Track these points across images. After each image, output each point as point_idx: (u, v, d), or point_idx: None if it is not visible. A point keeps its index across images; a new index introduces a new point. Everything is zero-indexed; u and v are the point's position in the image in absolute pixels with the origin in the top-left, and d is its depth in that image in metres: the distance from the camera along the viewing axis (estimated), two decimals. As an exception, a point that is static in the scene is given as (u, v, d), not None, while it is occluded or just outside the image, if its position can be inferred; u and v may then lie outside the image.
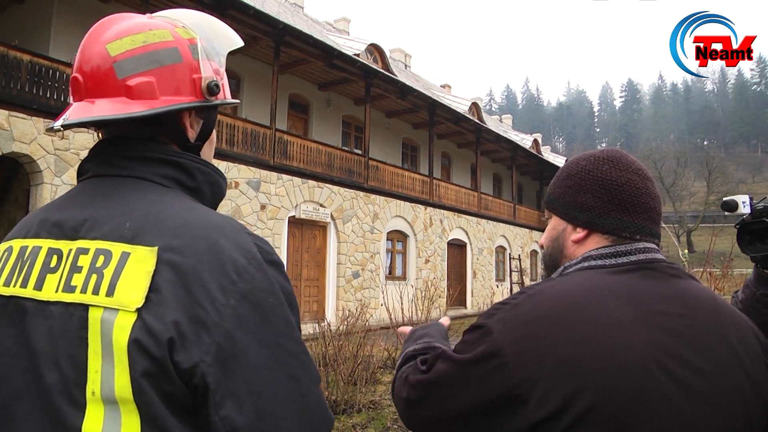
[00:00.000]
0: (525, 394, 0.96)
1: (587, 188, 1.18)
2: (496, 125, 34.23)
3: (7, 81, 10.41)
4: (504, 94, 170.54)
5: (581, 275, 1.13)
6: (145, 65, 0.98)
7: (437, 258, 22.61)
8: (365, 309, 9.71)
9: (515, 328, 1.02)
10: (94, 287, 0.85)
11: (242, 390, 0.83)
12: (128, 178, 0.99)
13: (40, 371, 0.86)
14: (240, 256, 0.88)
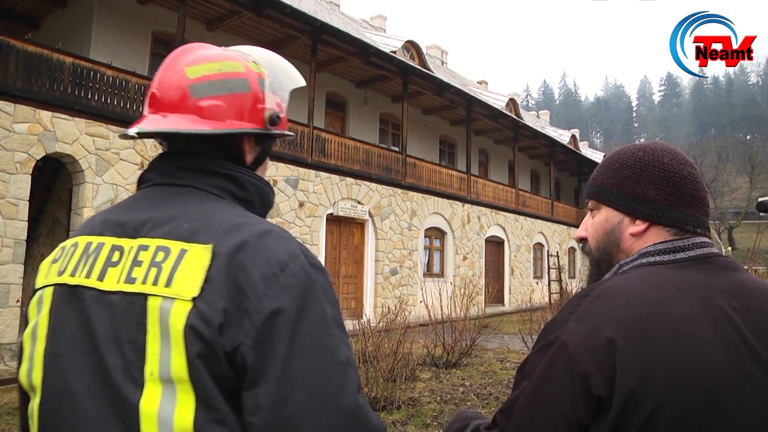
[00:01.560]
0: (608, 399, 0.95)
1: (648, 179, 1.15)
2: (534, 121, 33.91)
3: (50, 83, 10.64)
4: (541, 90, 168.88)
5: (643, 272, 1.10)
6: (217, 90, 1.09)
7: (475, 255, 22.51)
8: (403, 306, 9.70)
9: (590, 336, 0.99)
10: (154, 279, 0.95)
11: (273, 375, 0.90)
12: (186, 187, 1.09)
13: (101, 353, 0.94)
14: (285, 255, 0.97)
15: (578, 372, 0.97)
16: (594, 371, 0.96)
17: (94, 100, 11.23)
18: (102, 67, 11.54)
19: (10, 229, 9.77)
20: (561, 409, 0.98)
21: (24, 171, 10.03)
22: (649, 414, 0.93)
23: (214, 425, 0.90)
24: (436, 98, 21.74)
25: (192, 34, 15.04)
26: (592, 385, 0.95)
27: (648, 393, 0.94)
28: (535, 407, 1.02)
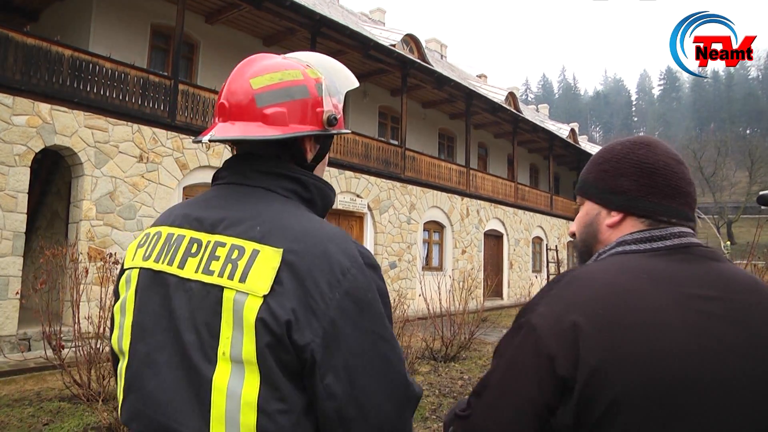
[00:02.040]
0: (571, 380, 0.98)
1: (623, 171, 1.18)
2: (533, 115, 33.88)
3: (49, 76, 10.60)
4: (540, 84, 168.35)
5: (617, 259, 1.13)
6: (280, 98, 1.21)
7: (474, 249, 22.53)
8: (402, 299, 9.71)
9: (557, 320, 1.02)
10: (230, 274, 1.09)
11: (341, 365, 1.04)
12: (257, 188, 1.23)
13: (179, 331, 1.10)
14: (345, 259, 1.09)
15: (544, 353, 1.00)
16: (559, 353, 0.99)
17: (93, 93, 11.20)
18: (101, 59, 11.50)
19: (10, 222, 9.76)
20: (528, 389, 1.02)
21: (23, 163, 10.01)
22: (611, 399, 0.95)
23: (275, 402, 1.04)
24: (436, 92, 21.71)
25: (191, 27, 15.03)
26: (557, 365, 0.99)
27: (610, 378, 0.96)
28: (504, 387, 1.07)
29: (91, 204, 10.91)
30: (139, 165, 11.81)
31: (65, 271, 6.60)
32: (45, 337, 6.04)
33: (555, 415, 1.00)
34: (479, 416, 1.09)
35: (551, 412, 1.00)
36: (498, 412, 1.06)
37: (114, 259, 6.11)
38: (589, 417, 0.97)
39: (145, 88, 12.14)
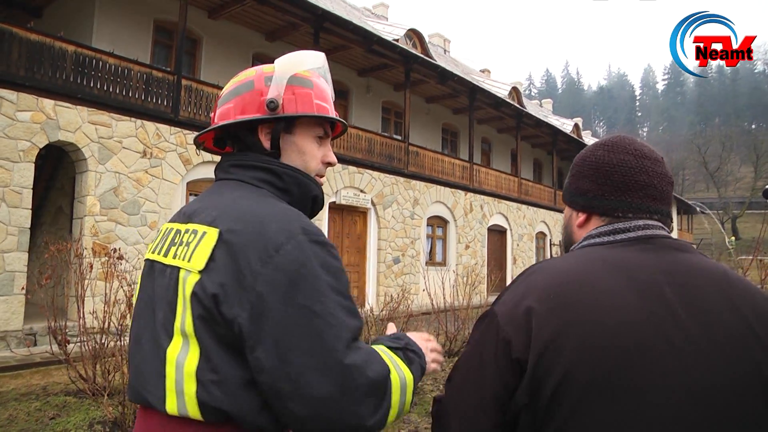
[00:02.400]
0: (524, 361, 1.03)
1: (584, 174, 1.25)
2: (536, 110, 33.82)
3: (53, 71, 10.62)
4: (544, 79, 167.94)
5: (580, 251, 1.20)
6: (229, 97, 1.39)
7: (477, 244, 22.53)
8: (406, 294, 9.72)
9: (514, 307, 1.09)
10: (183, 255, 1.21)
11: (270, 339, 1.08)
12: (232, 180, 1.35)
13: (154, 311, 1.24)
14: (281, 236, 1.14)
15: (502, 337, 1.07)
16: (513, 336, 1.05)
17: (96, 89, 11.22)
18: (104, 55, 11.51)
19: (15, 218, 9.80)
20: (489, 372, 1.08)
21: (27, 159, 10.04)
22: (562, 374, 0.99)
23: (209, 373, 1.12)
24: (439, 87, 21.66)
25: (194, 22, 15.03)
26: (512, 348, 1.04)
27: (559, 354, 1.00)
28: (469, 371, 1.14)
29: (95, 199, 10.93)
30: (143, 160, 11.83)
31: (70, 266, 6.60)
32: (50, 332, 6.06)
33: (513, 396, 1.05)
34: (449, 399, 1.17)
35: (510, 394, 1.05)
36: (464, 395, 1.13)
37: (118, 255, 6.11)
38: (543, 394, 1.01)
39: (149, 84, 12.15)
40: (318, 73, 1.47)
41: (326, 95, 1.45)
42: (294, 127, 1.40)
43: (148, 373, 1.21)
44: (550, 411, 1.00)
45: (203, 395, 1.12)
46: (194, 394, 1.13)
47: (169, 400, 1.16)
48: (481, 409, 1.08)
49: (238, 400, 1.12)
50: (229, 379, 1.12)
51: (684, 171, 78.87)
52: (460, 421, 1.12)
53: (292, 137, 1.40)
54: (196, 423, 1.15)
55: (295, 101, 1.37)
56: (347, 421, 1.09)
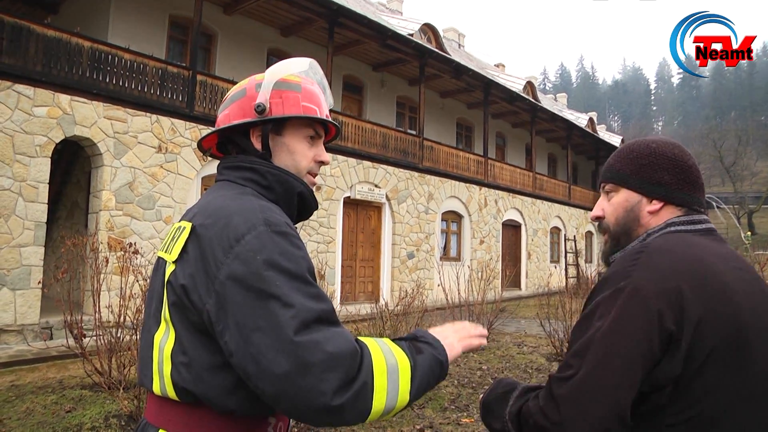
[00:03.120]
0: (678, 333, 1.17)
1: (663, 166, 1.42)
2: (551, 104, 33.60)
3: (69, 67, 10.66)
4: (558, 73, 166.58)
5: (678, 236, 1.36)
6: (227, 104, 1.52)
7: (492, 239, 22.45)
8: (421, 290, 9.68)
9: (659, 282, 1.21)
10: (168, 248, 1.34)
11: (233, 324, 1.15)
12: (223, 180, 1.46)
13: (151, 300, 1.38)
14: (243, 227, 1.22)
15: (654, 310, 1.18)
16: (666, 310, 1.18)
17: (112, 84, 11.26)
18: (120, 51, 11.55)
19: (31, 212, 9.86)
20: (638, 343, 1.17)
21: (44, 154, 10.10)
22: (710, 348, 1.18)
23: (180, 355, 1.24)
24: (453, 81, 21.59)
25: (209, 18, 15.05)
26: (665, 320, 1.17)
27: (708, 331, 1.18)
28: (613, 341, 1.19)
29: (111, 194, 10.98)
30: (158, 155, 11.86)
31: (86, 260, 6.64)
32: (67, 326, 6.08)
33: (659, 365, 1.18)
34: (588, 373, 1.19)
35: (656, 363, 1.18)
36: (608, 366, 1.18)
37: (134, 249, 6.13)
38: (693, 364, 1.17)
39: (164, 79, 12.18)
40: (312, 80, 1.57)
41: (316, 98, 1.53)
42: (284, 128, 1.49)
43: (145, 358, 1.34)
44: (693, 381, 1.18)
45: (175, 376, 1.24)
46: (169, 375, 1.25)
47: (155, 382, 1.30)
48: (627, 383, 1.16)
49: (205, 383, 1.22)
50: (196, 361, 1.22)
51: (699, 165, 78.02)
52: (603, 396, 1.16)
53: (282, 138, 1.49)
54: (176, 403, 1.27)
55: (282, 104, 1.46)
56: (311, 399, 1.10)
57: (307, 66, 1.58)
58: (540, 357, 8.91)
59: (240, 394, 1.22)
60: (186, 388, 1.23)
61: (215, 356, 1.21)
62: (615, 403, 1.15)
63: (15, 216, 9.68)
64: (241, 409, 1.23)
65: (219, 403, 1.22)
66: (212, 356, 1.21)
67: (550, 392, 1.22)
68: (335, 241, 15.87)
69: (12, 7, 14.04)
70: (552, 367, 8.19)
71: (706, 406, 1.18)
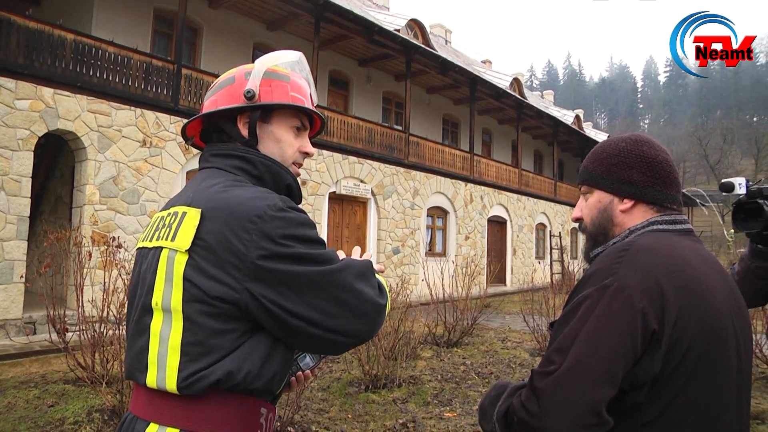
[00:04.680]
0: (659, 332, 1.19)
1: (632, 165, 1.42)
2: (538, 101, 33.75)
3: (52, 60, 10.57)
4: (545, 70, 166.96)
5: (660, 236, 1.36)
6: (215, 90, 1.53)
7: (477, 235, 22.52)
8: (406, 285, 9.70)
9: (644, 280, 1.21)
10: (165, 235, 1.32)
11: (281, 286, 1.23)
12: (211, 168, 1.46)
13: (137, 288, 1.37)
14: (260, 209, 1.25)
15: (638, 308, 1.18)
16: (649, 308, 1.18)
17: (95, 77, 11.17)
18: (104, 44, 11.46)
19: (14, 206, 9.78)
20: (622, 339, 1.17)
21: (26, 148, 10.01)
22: (687, 347, 1.20)
23: (195, 346, 1.23)
24: (440, 77, 21.61)
25: (194, 11, 14.96)
26: (649, 319, 1.18)
27: (685, 329, 1.20)
28: (597, 338, 1.18)
29: (95, 188, 10.92)
30: (143, 149, 11.80)
31: (69, 255, 6.60)
32: (49, 321, 6.06)
33: (639, 364, 1.19)
34: (569, 369, 1.18)
35: (636, 362, 1.18)
36: (589, 364, 1.17)
37: (117, 243, 6.11)
38: (671, 362, 1.19)
39: (148, 73, 12.11)
40: (300, 75, 1.61)
41: (303, 91, 1.57)
42: (271, 117, 1.52)
43: (137, 349, 1.32)
44: (671, 379, 1.20)
45: (185, 367, 1.23)
46: (176, 367, 1.24)
47: (149, 374, 1.28)
48: (608, 380, 1.16)
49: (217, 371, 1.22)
50: (211, 349, 1.23)
51: (685, 163, 78.67)
52: (583, 391, 1.16)
53: (270, 126, 1.51)
54: (170, 396, 1.26)
55: (272, 92, 1.49)
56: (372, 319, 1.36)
57: (296, 58, 1.62)
58: (524, 352, 8.97)
59: (268, 371, 1.29)
60: (201, 377, 1.22)
61: (239, 338, 1.25)
62: (594, 399, 1.14)
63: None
64: (263, 387, 1.29)
65: (248, 382, 1.25)
66: (235, 340, 1.24)
67: (531, 386, 1.22)
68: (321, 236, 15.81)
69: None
70: (535, 362, 8.24)
71: (680, 403, 1.20)
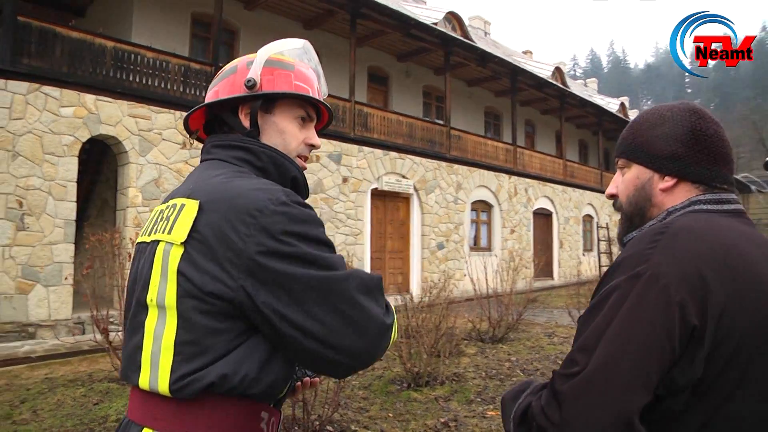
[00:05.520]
0: (701, 328, 1.01)
1: (677, 137, 1.22)
2: (581, 90, 33.12)
3: (94, 67, 10.84)
4: (588, 58, 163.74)
5: (704, 216, 1.17)
6: (217, 81, 1.48)
7: (522, 228, 22.23)
8: (449, 280, 9.58)
9: (682, 268, 1.04)
10: (163, 228, 1.24)
11: (276, 287, 1.13)
12: (213, 160, 1.39)
13: (135, 285, 1.29)
14: (261, 202, 1.17)
15: (675, 301, 1.01)
16: (689, 301, 1.01)
17: (135, 82, 11.39)
18: (142, 49, 11.68)
19: (61, 210, 10.04)
20: (655, 338, 1.00)
21: (71, 153, 10.26)
22: (737, 342, 1.01)
23: (188, 346, 1.14)
24: (480, 69, 21.37)
25: (231, 13, 15.10)
26: (688, 313, 1.00)
27: (733, 324, 1.02)
28: (627, 335, 1.02)
29: (137, 191, 11.12)
30: (183, 151, 11.96)
31: (113, 256, 6.72)
32: (93, 321, 6.19)
33: (677, 366, 1.01)
34: (595, 370, 1.01)
35: (674, 363, 1.01)
36: (619, 364, 1.00)
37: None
38: (716, 364, 1.01)
39: (187, 76, 12.28)
40: (308, 64, 1.55)
41: (309, 80, 1.49)
42: (274, 107, 1.45)
43: (129, 348, 1.26)
44: (716, 384, 1.02)
45: (179, 368, 1.14)
46: (169, 367, 1.15)
47: (142, 374, 1.20)
48: (640, 384, 0.99)
49: (211, 373, 1.14)
50: (208, 351, 1.14)
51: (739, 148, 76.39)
52: (611, 398, 0.99)
53: (272, 117, 1.44)
54: (164, 399, 1.17)
55: (274, 81, 1.42)
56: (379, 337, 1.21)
57: (301, 45, 1.57)
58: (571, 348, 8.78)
59: (268, 376, 1.19)
60: (194, 379, 1.13)
61: (235, 339, 1.15)
62: (624, 407, 0.98)
63: (45, 214, 9.87)
64: (262, 392, 1.18)
65: (244, 386, 1.15)
66: (231, 341, 1.15)
67: (552, 390, 1.06)
68: (363, 233, 15.85)
69: (43, 12, 14.33)
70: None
71: (727, 413, 1.03)
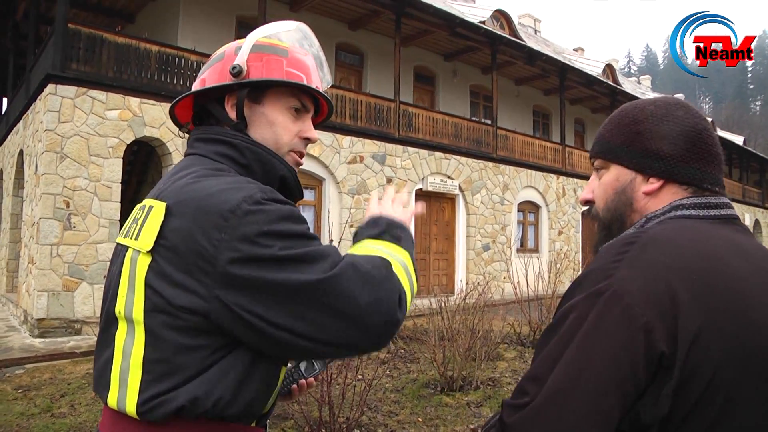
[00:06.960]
0: (670, 356, 0.86)
1: (662, 134, 1.07)
2: (633, 87, 32.35)
3: (138, 71, 11.09)
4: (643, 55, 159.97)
5: (685, 224, 1.02)
6: (206, 68, 1.33)
7: (571, 229, 21.78)
8: (491, 282, 9.40)
9: (649, 284, 0.89)
10: (132, 233, 1.13)
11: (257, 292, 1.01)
12: (194, 155, 1.26)
13: (108, 293, 1.17)
14: (234, 201, 1.04)
15: (640, 324, 0.86)
16: (657, 324, 0.86)
17: (179, 85, 11.57)
18: (186, 53, 11.89)
19: (105, 210, 10.28)
20: (615, 367, 0.86)
21: (116, 155, 10.50)
22: (711, 374, 0.86)
23: (158, 364, 1.03)
24: (528, 68, 21.00)
25: (276, 16, 15.12)
26: (655, 339, 0.86)
27: (710, 348, 0.86)
28: (583, 365, 0.88)
29: (181, 192, 11.27)
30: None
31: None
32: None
33: (642, 399, 0.87)
34: (545, 404, 0.88)
35: (639, 395, 0.87)
36: (572, 398, 0.86)
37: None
38: (688, 399, 0.86)
39: (230, 78, 12.38)
40: (306, 51, 1.40)
41: (305, 67, 1.33)
42: (264, 96, 1.29)
43: (100, 362, 1.14)
44: (687, 422, 0.87)
45: (149, 387, 1.03)
46: (137, 386, 1.04)
47: (111, 392, 1.08)
48: (597, 421, 0.85)
49: (182, 395, 1.02)
50: (177, 369, 1.03)
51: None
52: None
53: (261, 107, 1.29)
54: (132, 420, 1.06)
55: (263, 67, 1.27)
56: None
57: (294, 28, 1.42)
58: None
59: (245, 395, 1.07)
60: (163, 401, 1.02)
61: (209, 357, 1.03)
62: None
63: (91, 214, 10.13)
64: (240, 413, 1.07)
65: (219, 409, 1.04)
66: (204, 359, 1.03)
67: (501, 422, 0.93)
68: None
69: (95, 19, 14.80)
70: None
71: None
